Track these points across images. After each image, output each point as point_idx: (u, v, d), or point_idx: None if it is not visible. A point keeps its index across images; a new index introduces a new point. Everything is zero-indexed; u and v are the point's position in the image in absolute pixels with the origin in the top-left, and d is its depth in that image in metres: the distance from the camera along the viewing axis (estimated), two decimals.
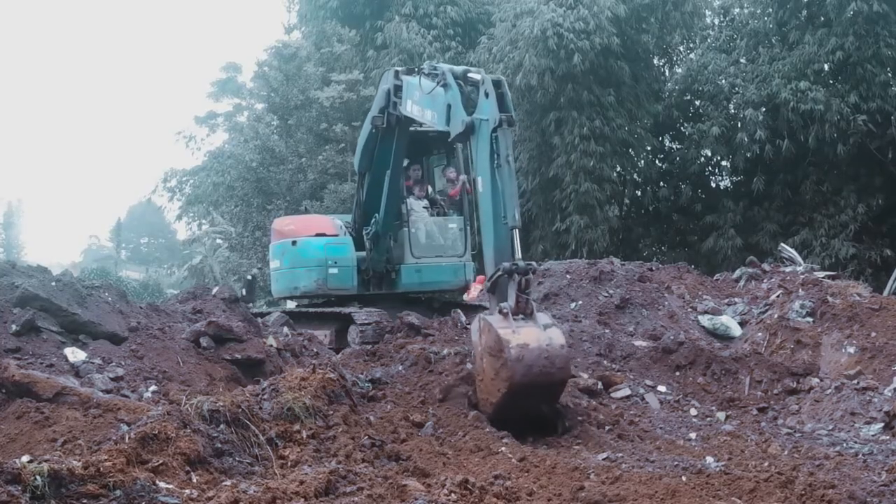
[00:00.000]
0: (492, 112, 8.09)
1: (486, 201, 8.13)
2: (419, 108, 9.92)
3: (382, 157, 11.69)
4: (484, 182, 8.15)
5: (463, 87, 8.71)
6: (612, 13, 22.17)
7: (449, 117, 8.85)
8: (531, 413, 7.49)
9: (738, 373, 9.60)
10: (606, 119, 23.08)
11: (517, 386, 7.20)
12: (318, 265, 12.46)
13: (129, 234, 77.77)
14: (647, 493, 5.55)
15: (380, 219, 12.21)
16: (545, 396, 7.53)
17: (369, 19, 26.85)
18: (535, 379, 7.24)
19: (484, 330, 7.54)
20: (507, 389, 7.23)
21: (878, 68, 22.21)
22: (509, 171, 8.00)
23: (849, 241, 22.44)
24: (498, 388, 7.31)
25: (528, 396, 7.34)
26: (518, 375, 7.18)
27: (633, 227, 27.02)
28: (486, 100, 8.22)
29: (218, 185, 27.39)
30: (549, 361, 7.31)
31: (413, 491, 5.18)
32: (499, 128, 8.01)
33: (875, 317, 10.41)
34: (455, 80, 8.77)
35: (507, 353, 7.22)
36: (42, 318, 7.94)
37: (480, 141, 8.25)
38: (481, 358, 7.54)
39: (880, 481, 6.02)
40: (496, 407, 7.36)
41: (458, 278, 13.25)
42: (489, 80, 8.33)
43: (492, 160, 8.01)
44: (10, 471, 4.37)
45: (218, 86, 29.54)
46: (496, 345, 7.33)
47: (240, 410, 5.82)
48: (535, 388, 7.31)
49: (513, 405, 7.34)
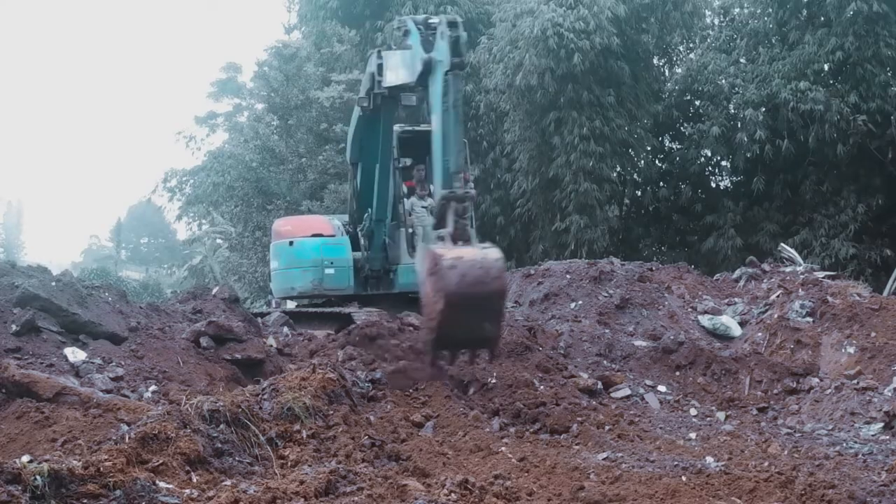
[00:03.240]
0: (444, 54, 8.27)
1: (436, 144, 8.32)
2: (395, 72, 10.10)
3: (371, 143, 11.73)
4: (436, 122, 8.34)
5: (423, 32, 8.87)
6: (612, 13, 22.17)
7: (417, 68, 9.01)
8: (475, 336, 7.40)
9: (738, 373, 9.60)
10: (606, 119, 23.07)
11: (453, 296, 7.14)
12: (313, 265, 12.48)
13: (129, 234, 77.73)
14: (647, 493, 5.55)
15: (373, 212, 12.20)
16: (484, 312, 7.41)
17: (369, 19, 26.84)
18: (470, 288, 7.21)
19: (424, 257, 7.61)
20: (443, 301, 7.16)
21: (878, 68, 22.21)
22: (455, 116, 8.17)
23: (849, 241, 22.44)
24: (436, 304, 7.25)
25: (467, 309, 7.24)
26: (453, 284, 7.15)
27: (633, 227, 27.01)
28: (441, 41, 8.39)
29: (218, 185, 27.39)
30: (484, 271, 7.33)
31: (413, 491, 5.18)
32: (449, 71, 8.17)
33: (875, 317, 10.41)
34: (416, 26, 8.97)
35: (440, 264, 7.22)
36: (42, 318, 7.94)
37: (436, 81, 8.42)
38: (423, 284, 7.54)
39: (880, 481, 6.03)
40: (438, 326, 7.29)
41: None
42: (444, 21, 8.51)
43: (442, 102, 8.16)
44: (11, 470, 4.37)
45: (218, 86, 29.56)
46: (432, 263, 7.34)
47: (240, 410, 5.82)
48: (471, 300, 7.23)
49: (454, 321, 7.23)
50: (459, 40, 8.31)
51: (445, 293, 7.17)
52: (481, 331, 7.47)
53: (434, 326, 7.38)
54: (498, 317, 7.62)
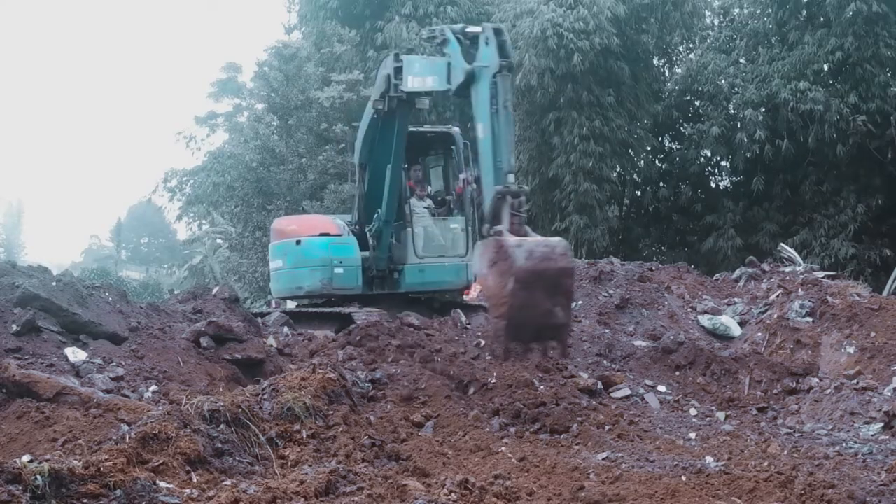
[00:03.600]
0: (492, 58, 8.31)
1: (485, 147, 8.27)
2: (420, 78, 10.13)
3: (383, 145, 11.74)
4: (484, 128, 8.30)
5: (462, 41, 8.91)
6: (611, 13, 22.19)
7: (449, 74, 9.04)
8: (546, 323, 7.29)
9: (738, 373, 9.61)
10: (606, 119, 23.10)
11: (522, 272, 7.08)
12: (322, 265, 12.41)
13: (129, 235, 77.75)
14: (646, 492, 5.56)
15: (382, 214, 12.21)
16: (554, 292, 7.33)
17: (369, 19, 26.85)
18: (539, 264, 7.18)
19: (484, 250, 7.55)
20: (513, 280, 7.08)
21: (878, 68, 22.24)
22: (506, 116, 8.19)
23: (848, 241, 22.46)
24: (505, 286, 7.15)
25: (537, 287, 7.16)
26: (521, 260, 7.11)
27: (633, 227, 27.03)
28: (487, 47, 8.44)
29: (218, 185, 27.37)
30: (550, 248, 7.39)
31: (413, 491, 5.18)
32: (498, 73, 8.22)
33: (874, 317, 10.42)
34: (454, 35, 9.00)
35: (508, 247, 7.20)
36: (42, 318, 7.94)
37: (481, 88, 8.43)
38: (486, 279, 7.46)
39: (880, 481, 6.03)
40: (509, 308, 7.15)
41: (461, 278, 13.25)
42: (490, 28, 8.60)
43: (491, 106, 8.18)
44: (11, 470, 4.38)
45: (218, 86, 29.50)
46: (497, 250, 7.29)
47: (240, 410, 5.82)
48: (540, 277, 7.18)
49: (524, 303, 7.12)
50: (506, 44, 8.42)
51: (514, 270, 7.09)
52: (552, 316, 7.33)
53: (505, 311, 7.21)
54: (568, 300, 7.53)
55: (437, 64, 9.56)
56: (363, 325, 10.12)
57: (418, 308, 12.30)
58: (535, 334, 7.37)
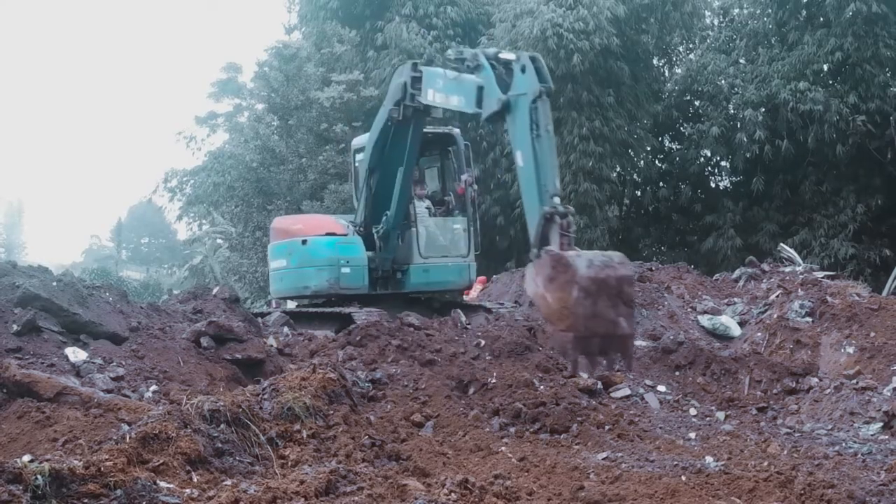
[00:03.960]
0: (531, 85, 8.23)
1: (527, 174, 8.19)
2: (443, 94, 10.03)
3: (395, 151, 11.75)
4: (524, 156, 8.22)
5: (497, 68, 8.81)
6: (611, 13, 22.20)
7: (479, 99, 8.95)
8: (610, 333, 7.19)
9: (738, 373, 9.61)
10: (606, 119, 23.10)
11: (584, 279, 7.01)
12: (329, 264, 12.39)
13: (129, 235, 77.77)
14: (646, 492, 5.56)
15: (391, 216, 12.21)
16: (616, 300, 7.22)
17: (369, 20, 26.86)
18: (600, 272, 7.10)
19: (537, 269, 7.45)
20: (576, 288, 7.00)
21: (877, 69, 22.25)
22: (549, 140, 8.11)
23: (848, 241, 22.48)
24: (568, 297, 7.06)
25: (599, 295, 7.07)
26: (583, 268, 7.05)
27: (633, 227, 27.05)
28: (523, 74, 8.36)
29: (218, 185, 27.38)
30: (607, 257, 7.32)
31: (413, 491, 5.18)
32: (538, 98, 8.14)
33: (874, 317, 10.42)
34: (488, 61, 8.88)
35: (564, 258, 7.15)
36: (43, 318, 7.95)
37: (518, 116, 8.35)
38: (544, 296, 7.33)
39: (879, 481, 6.03)
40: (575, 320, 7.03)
41: (464, 278, 13.28)
42: (525, 56, 8.52)
43: (531, 132, 8.10)
44: (12, 470, 4.38)
45: (218, 86, 29.49)
46: (553, 265, 7.22)
47: (240, 410, 5.83)
48: (602, 285, 7.10)
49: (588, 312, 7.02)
50: (543, 70, 8.33)
51: (577, 279, 7.01)
52: (617, 327, 7.21)
53: (571, 322, 7.09)
54: (630, 309, 7.40)
55: (464, 85, 9.37)
56: (363, 325, 10.12)
57: (418, 308, 12.31)
58: (601, 346, 7.22)
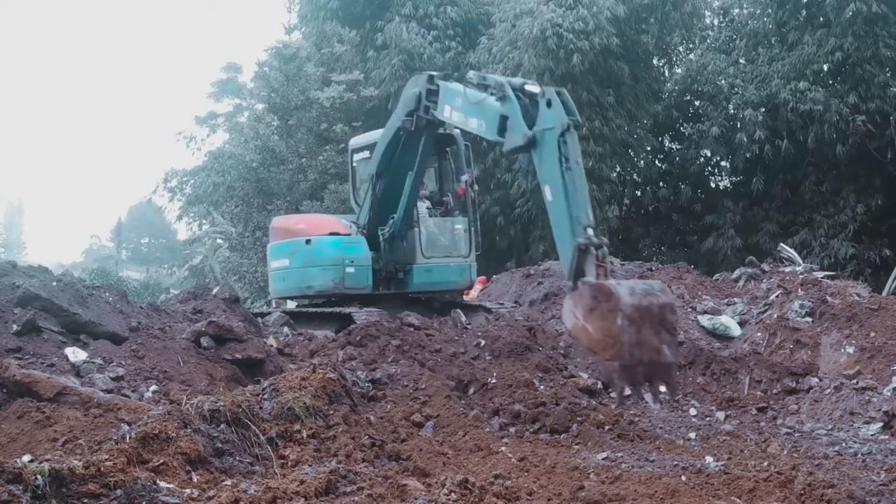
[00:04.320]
0: (558, 119, 8.16)
1: (558, 207, 8.10)
2: (461, 115, 9.92)
3: (404, 159, 11.75)
4: (554, 190, 8.14)
5: (522, 99, 8.73)
6: (611, 13, 22.20)
7: (502, 128, 8.86)
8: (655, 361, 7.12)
9: (738, 373, 9.61)
10: (606, 119, 23.10)
11: (627, 307, 6.96)
12: (334, 264, 12.37)
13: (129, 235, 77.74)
14: (646, 492, 5.56)
15: (397, 220, 12.22)
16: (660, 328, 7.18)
17: (369, 20, 26.86)
18: (643, 300, 7.05)
19: (576, 300, 7.38)
20: (621, 317, 6.94)
21: (877, 69, 22.26)
22: (580, 172, 8.03)
23: (848, 241, 22.48)
24: (611, 325, 7.00)
25: (643, 322, 7.02)
26: (626, 296, 6.99)
27: (633, 227, 27.06)
28: (549, 109, 8.28)
29: (218, 185, 27.39)
30: (648, 286, 7.27)
31: (413, 491, 5.18)
32: (566, 132, 8.08)
33: (874, 317, 10.41)
34: (514, 92, 8.78)
35: (606, 287, 7.10)
36: (43, 318, 7.95)
37: (545, 151, 8.27)
38: (585, 327, 7.27)
39: (879, 481, 6.03)
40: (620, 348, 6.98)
41: (465, 278, 13.29)
42: (551, 90, 8.42)
43: (560, 166, 8.02)
44: (12, 470, 4.38)
45: (218, 86, 29.52)
46: (593, 295, 7.17)
47: (240, 410, 5.83)
48: (646, 313, 7.06)
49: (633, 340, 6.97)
50: (570, 103, 8.27)
51: (621, 307, 6.96)
52: (661, 355, 7.16)
53: (616, 351, 7.05)
54: (674, 337, 7.38)
55: (486, 110, 9.25)
56: (363, 325, 10.12)
57: (418, 308, 12.31)
58: (646, 374, 7.20)
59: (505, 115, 8.84)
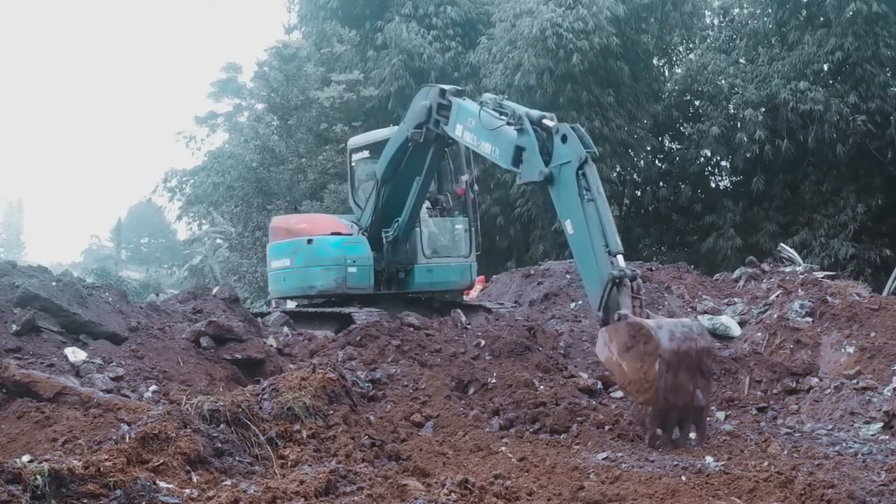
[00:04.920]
0: (575, 152, 8.16)
1: (581, 239, 8.12)
2: (474, 137, 9.91)
3: (411, 166, 11.76)
4: (575, 224, 8.17)
5: (539, 133, 8.72)
6: (611, 13, 22.20)
7: (517, 159, 8.89)
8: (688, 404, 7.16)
9: (738, 373, 9.60)
10: (606, 119, 23.10)
11: (668, 353, 6.96)
12: (336, 264, 12.37)
13: (129, 234, 77.71)
14: (646, 492, 5.55)
15: (402, 224, 12.22)
16: (696, 372, 7.21)
17: (369, 19, 26.87)
18: (682, 345, 7.05)
19: (612, 335, 7.39)
20: (659, 360, 6.94)
21: (878, 69, 22.25)
22: (602, 201, 8.04)
23: (848, 241, 22.47)
24: (648, 369, 7.02)
25: (680, 367, 7.03)
26: (666, 341, 6.98)
27: (633, 227, 27.04)
28: (564, 144, 8.28)
29: (218, 185, 27.39)
30: (688, 328, 7.26)
31: (413, 491, 5.18)
32: (585, 164, 8.08)
33: (874, 317, 10.41)
34: (532, 126, 8.78)
35: (647, 329, 7.08)
36: (42, 318, 7.94)
37: (562, 186, 8.29)
38: (620, 364, 7.30)
39: (880, 481, 6.02)
40: (655, 391, 7.01)
41: (465, 278, 13.30)
42: (566, 126, 8.42)
43: (581, 200, 8.05)
44: (11, 470, 4.37)
45: (218, 86, 29.51)
46: (632, 334, 7.16)
47: (240, 410, 5.82)
48: (683, 356, 7.06)
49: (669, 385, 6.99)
50: (586, 137, 8.27)
51: (661, 351, 6.97)
52: (695, 399, 7.21)
53: (652, 395, 7.09)
54: (708, 381, 7.45)
55: (501, 138, 9.21)
56: (363, 325, 10.11)
57: (418, 308, 12.31)
58: (679, 418, 7.20)
59: (521, 146, 8.84)
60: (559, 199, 8.43)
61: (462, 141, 10.38)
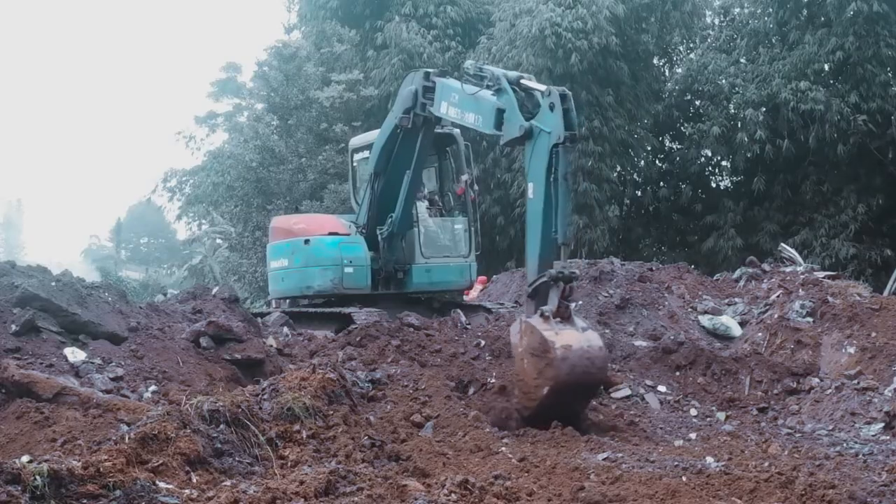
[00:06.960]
0: (556, 126, 8.10)
1: (535, 210, 8.20)
2: (458, 110, 9.94)
3: (402, 157, 11.73)
4: (536, 190, 8.21)
5: (518, 93, 8.75)
6: (610, 13, 22.17)
7: (499, 122, 8.89)
8: (566, 413, 7.60)
9: (738, 373, 9.60)
10: (605, 119, 23.08)
11: (562, 385, 7.38)
12: (333, 264, 12.36)
13: (129, 234, 77.63)
14: (647, 493, 5.54)
15: (395, 219, 12.19)
16: (584, 395, 7.75)
17: (369, 19, 26.84)
18: (579, 378, 7.44)
19: (526, 332, 7.68)
20: (550, 388, 7.40)
21: (878, 68, 22.23)
22: (565, 188, 8.04)
23: (849, 241, 22.46)
24: (541, 386, 7.47)
25: (569, 395, 7.51)
26: (563, 374, 7.37)
27: (633, 227, 27.03)
28: (551, 113, 8.23)
29: (218, 185, 27.38)
30: (591, 362, 7.55)
31: (413, 491, 5.17)
32: (561, 144, 8.04)
33: (875, 317, 10.41)
34: (510, 86, 8.80)
35: (553, 353, 7.39)
36: (42, 318, 7.93)
37: (537, 150, 8.28)
38: (522, 359, 7.69)
39: (880, 481, 6.02)
40: (538, 406, 7.52)
41: (465, 278, 13.28)
42: (556, 93, 8.30)
43: (548, 173, 8.05)
44: (10, 471, 4.37)
45: (218, 86, 29.56)
46: (540, 346, 7.48)
47: (240, 410, 5.81)
48: (576, 388, 7.52)
49: (554, 403, 7.48)
50: (572, 112, 8.18)
51: (555, 382, 7.40)
52: (571, 409, 7.69)
53: (532, 407, 7.60)
54: (590, 399, 7.92)
55: (482, 104, 9.25)
56: (363, 326, 10.10)
57: (418, 308, 12.30)
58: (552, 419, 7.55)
59: (501, 108, 8.86)
60: (530, 161, 8.44)
61: (447, 117, 10.41)
